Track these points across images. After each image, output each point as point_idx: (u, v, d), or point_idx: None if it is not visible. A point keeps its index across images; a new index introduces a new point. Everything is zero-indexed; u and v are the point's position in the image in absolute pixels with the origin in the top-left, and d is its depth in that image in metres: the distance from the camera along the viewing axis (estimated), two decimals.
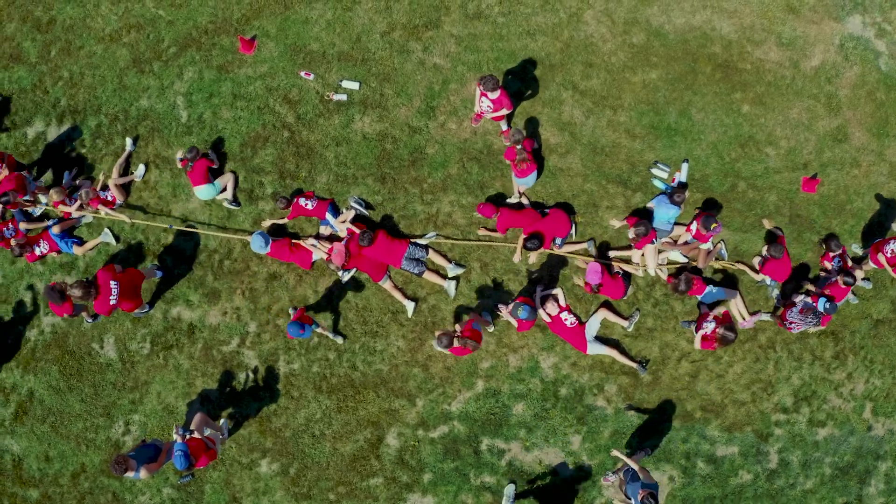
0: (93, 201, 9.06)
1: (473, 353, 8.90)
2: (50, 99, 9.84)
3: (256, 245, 8.76)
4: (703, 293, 8.72)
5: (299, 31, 9.72)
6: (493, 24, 9.62)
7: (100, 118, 9.72)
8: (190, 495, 9.07)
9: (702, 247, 8.77)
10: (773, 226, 9.02)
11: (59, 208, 9.08)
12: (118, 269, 8.45)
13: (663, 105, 9.42)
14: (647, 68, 9.50)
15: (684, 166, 9.18)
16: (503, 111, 8.56)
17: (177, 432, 7.75)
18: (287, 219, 9.14)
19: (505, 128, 9.09)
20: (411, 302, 9.01)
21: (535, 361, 9.00)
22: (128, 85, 9.76)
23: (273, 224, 9.23)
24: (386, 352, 9.06)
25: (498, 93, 8.31)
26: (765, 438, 8.98)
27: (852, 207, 9.28)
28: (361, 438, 9.03)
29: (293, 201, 8.97)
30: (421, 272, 8.95)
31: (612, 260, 8.98)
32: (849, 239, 9.22)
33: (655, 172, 9.23)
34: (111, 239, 9.38)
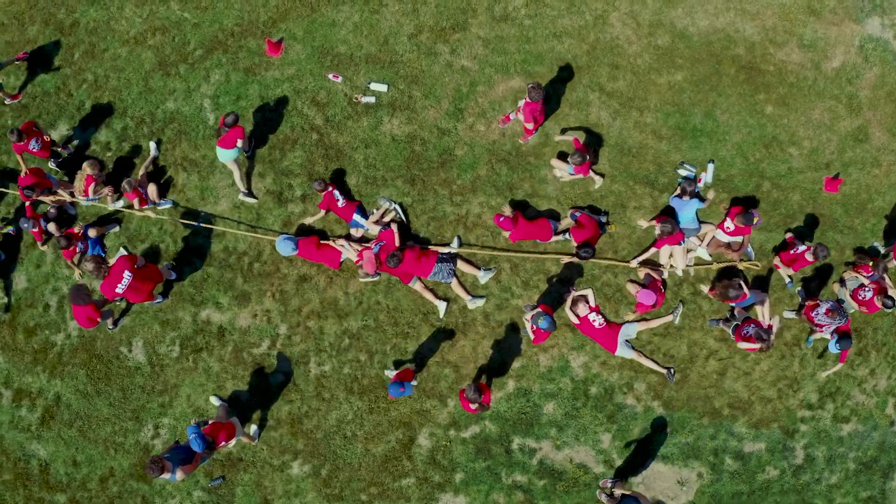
0: (130, 194, 9.00)
1: (503, 352, 8.99)
2: (74, 102, 9.78)
3: (284, 249, 8.77)
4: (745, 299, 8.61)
5: (326, 33, 9.73)
6: (520, 27, 9.69)
7: (125, 121, 9.68)
8: (221, 498, 9.07)
9: (733, 240, 8.86)
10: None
11: (88, 187, 9.01)
12: (140, 263, 8.40)
13: (689, 106, 9.53)
14: (673, 70, 9.61)
15: (710, 167, 9.30)
16: (531, 125, 8.79)
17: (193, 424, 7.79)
18: (318, 207, 9.08)
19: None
20: (443, 302, 9.06)
21: (565, 361, 9.08)
22: (153, 87, 9.72)
23: (302, 224, 9.23)
24: (417, 353, 9.10)
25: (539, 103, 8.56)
26: (791, 434, 9.12)
27: (874, 206, 9.44)
28: (393, 439, 9.06)
29: (328, 189, 8.92)
30: (450, 281, 9.01)
31: (639, 268, 9.03)
32: (871, 237, 9.38)
33: (682, 173, 9.34)
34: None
